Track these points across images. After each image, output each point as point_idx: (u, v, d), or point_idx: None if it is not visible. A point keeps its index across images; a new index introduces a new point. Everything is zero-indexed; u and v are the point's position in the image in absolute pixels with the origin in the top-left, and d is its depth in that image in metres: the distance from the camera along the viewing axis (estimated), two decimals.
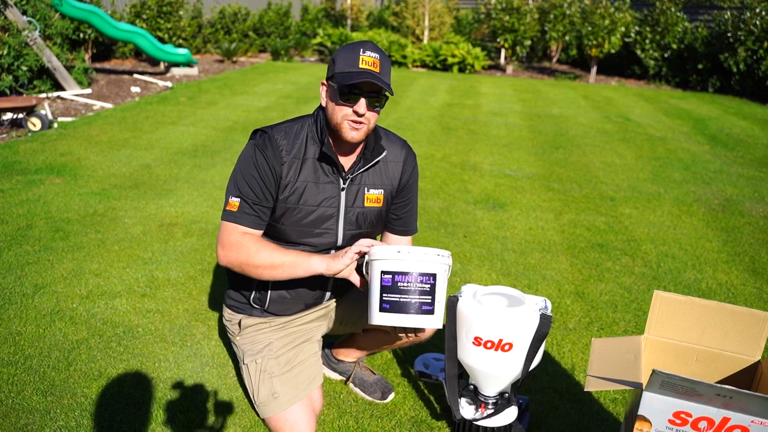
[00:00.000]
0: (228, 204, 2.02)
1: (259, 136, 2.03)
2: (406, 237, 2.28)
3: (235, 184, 2.02)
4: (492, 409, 2.13)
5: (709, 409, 1.56)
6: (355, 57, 1.91)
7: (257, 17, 16.01)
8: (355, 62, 1.91)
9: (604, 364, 1.77)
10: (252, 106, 8.35)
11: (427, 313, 1.78)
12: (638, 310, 3.21)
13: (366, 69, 1.90)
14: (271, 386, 2.06)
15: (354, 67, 1.90)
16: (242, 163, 2.03)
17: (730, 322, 1.85)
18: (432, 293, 1.77)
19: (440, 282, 1.79)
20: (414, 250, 1.77)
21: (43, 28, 8.69)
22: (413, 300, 1.76)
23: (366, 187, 2.11)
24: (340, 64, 1.93)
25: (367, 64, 1.91)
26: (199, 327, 2.90)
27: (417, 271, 1.76)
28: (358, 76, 1.88)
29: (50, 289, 3.19)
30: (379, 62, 1.93)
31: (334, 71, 1.94)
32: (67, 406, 2.31)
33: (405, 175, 2.18)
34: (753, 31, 10.73)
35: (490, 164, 5.90)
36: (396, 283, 1.77)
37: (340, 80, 1.90)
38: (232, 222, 2.00)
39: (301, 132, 2.05)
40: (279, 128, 2.04)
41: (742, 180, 5.66)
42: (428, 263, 1.77)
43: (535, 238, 4.12)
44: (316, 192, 2.04)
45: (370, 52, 1.92)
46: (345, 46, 1.97)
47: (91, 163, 5.39)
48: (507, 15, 13.21)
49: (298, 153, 2.02)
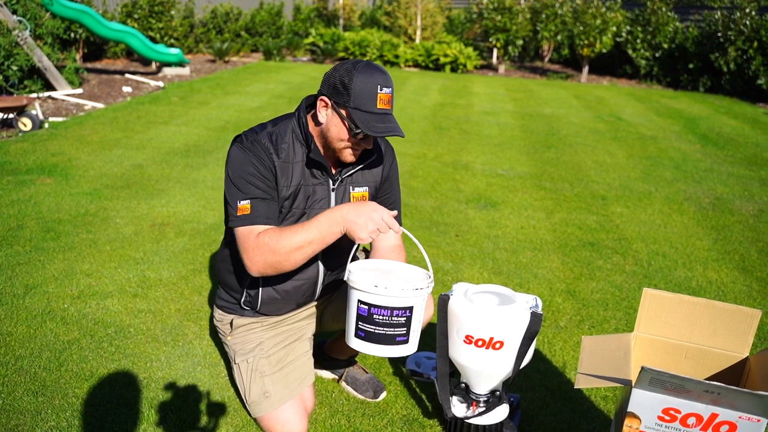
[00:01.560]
0: (237, 209, 1.93)
1: (245, 139, 1.97)
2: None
3: (238, 190, 1.93)
4: (483, 407, 2.14)
5: (697, 406, 1.57)
6: (374, 94, 1.86)
7: (249, 17, 15.98)
8: (372, 99, 1.87)
9: (594, 362, 1.78)
10: (244, 106, 8.34)
11: (401, 344, 1.81)
12: (629, 308, 3.22)
13: (384, 110, 1.89)
14: (263, 385, 2.06)
15: (372, 107, 1.87)
16: (235, 167, 1.95)
17: (718, 319, 1.86)
18: (407, 325, 1.79)
19: (417, 312, 1.80)
20: (392, 287, 1.74)
21: (34, 27, 8.65)
22: (388, 332, 1.78)
23: (351, 186, 2.11)
24: (357, 98, 1.86)
25: (384, 102, 1.88)
26: (190, 327, 2.90)
27: (393, 306, 1.76)
28: (379, 120, 1.87)
29: (41, 289, 3.18)
30: (391, 96, 1.92)
31: (350, 103, 1.87)
32: (58, 407, 2.31)
33: (385, 169, 2.20)
34: (743, 31, 10.79)
35: (482, 163, 5.92)
36: (372, 315, 1.77)
37: (359, 122, 1.86)
38: (247, 225, 1.92)
39: (285, 135, 2.01)
40: (263, 133, 1.99)
41: (732, 179, 5.69)
42: (405, 298, 1.76)
43: (526, 237, 4.13)
44: (308, 194, 2.03)
45: (386, 88, 1.88)
46: (360, 73, 1.87)
47: (83, 163, 5.37)
48: (499, 15, 13.24)
49: (287, 157, 1.99)
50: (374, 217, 1.84)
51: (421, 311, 1.84)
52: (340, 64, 1.93)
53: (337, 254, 2.13)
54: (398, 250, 2.21)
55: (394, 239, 2.24)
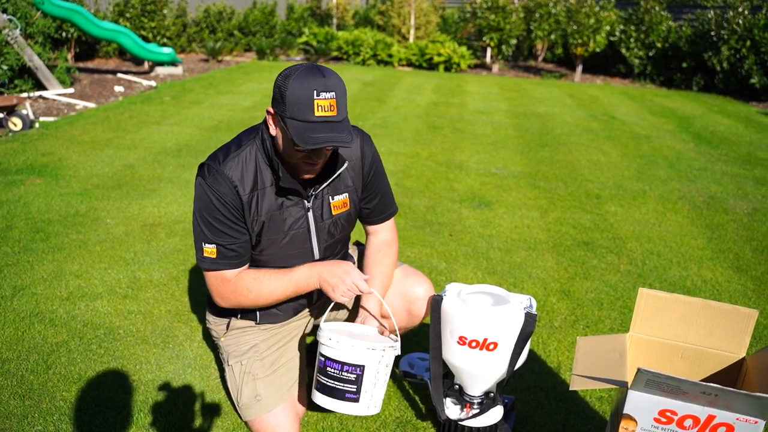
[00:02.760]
0: (204, 251, 1.91)
1: (209, 175, 1.87)
2: (387, 222, 2.22)
3: (203, 231, 1.91)
4: (477, 408, 2.11)
5: (694, 407, 1.55)
6: (309, 101, 1.66)
7: (242, 16, 15.93)
8: (309, 107, 1.67)
9: (589, 363, 1.76)
10: (237, 105, 8.30)
11: (351, 401, 1.85)
12: (624, 308, 3.20)
13: (324, 118, 1.67)
14: (255, 388, 2.03)
15: (309, 115, 1.67)
16: (201, 206, 1.90)
17: (714, 319, 1.84)
18: (357, 383, 1.83)
19: (369, 372, 1.83)
20: (342, 341, 1.81)
21: (24, 26, 8.59)
22: (337, 386, 1.84)
23: (329, 196, 2.01)
24: (292, 107, 1.68)
25: (324, 110, 1.67)
26: (181, 328, 2.86)
27: (343, 361, 1.82)
28: (317, 130, 1.67)
29: (29, 290, 3.14)
30: (336, 102, 1.69)
31: (285, 113, 1.70)
32: (45, 410, 2.27)
33: (366, 167, 2.06)
34: (736, 30, 10.80)
35: (475, 163, 5.89)
36: (326, 367, 1.84)
37: (294, 133, 1.68)
38: (214, 270, 1.94)
39: (250, 160, 1.89)
40: (227, 164, 1.87)
41: (726, 177, 5.69)
42: (354, 355, 1.81)
43: (520, 237, 4.11)
44: (283, 218, 1.96)
45: (324, 93, 1.67)
46: (294, 78, 1.68)
47: (73, 163, 5.32)
48: (493, 14, 13.22)
49: (255, 185, 1.89)
50: (345, 280, 1.92)
51: (377, 374, 1.85)
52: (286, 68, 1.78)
53: (330, 254, 2.13)
54: (385, 247, 2.20)
55: (385, 235, 2.22)
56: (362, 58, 14.09)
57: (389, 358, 1.87)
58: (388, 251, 2.19)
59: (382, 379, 1.88)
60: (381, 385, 1.88)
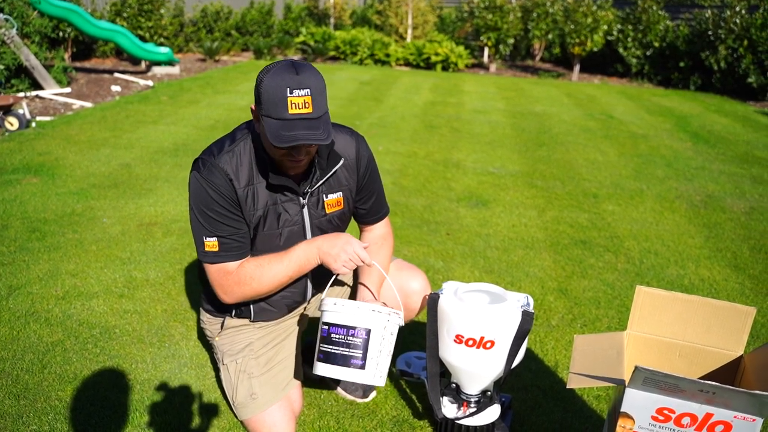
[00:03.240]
0: (205, 245, 1.90)
1: (204, 168, 1.86)
2: (381, 222, 2.24)
3: (202, 225, 1.89)
4: (474, 407, 2.10)
5: (692, 405, 1.54)
6: (282, 99, 1.66)
7: (240, 16, 15.90)
8: (282, 105, 1.67)
9: (587, 361, 1.75)
10: (234, 105, 8.29)
11: (356, 367, 1.82)
12: (621, 307, 3.20)
13: (298, 115, 1.67)
14: (250, 387, 2.02)
15: (283, 113, 1.67)
16: (197, 200, 1.88)
17: (712, 317, 1.84)
18: (363, 348, 1.81)
19: (375, 337, 1.81)
20: (348, 304, 1.80)
21: (21, 26, 8.56)
22: (343, 352, 1.81)
23: (324, 193, 2.02)
24: (267, 105, 1.69)
25: (297, 107, 1.66)
26: (177, 327, 2.85)
27: (349, 324, 1.80)
28: (290, 128, 1.67)
29: (25, 290, 3.12)
30: (311, 99, 1.68)
31: (261, 111, 1.72)
32: (40, 410, 2.26)
33: (361, 169, 2.08)
34: (733, 30, 10.80)
35: (473, 162, 5.89)
36: (330, 335, 1.82)
37: (269, 131, 1.68)
38: (217, 263, 1.92)
39: (245, 154, 1.89)
40: (222, 157, 1.87)
41: (723, 176, 5.68)
42: (360, 318, 1.80)
43: (518, 236, 4.10)
44: (278, 214, 1.96)
45: (298, 90, 1.66)
46: (269, 76, 1.69)
47: (70, 162, 5.31)
48: (490, 13, 13.21)
49: (250, 179, 1.89)
50: (347, 249, 1.91)
51: (382, 341, 1.84)
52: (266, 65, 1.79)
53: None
54: (381, 240, 2.21)
55: (380, 230, 2.23)
56: (359, 57, 14.08)
57: (394, 326, 1.86)
58: (384, 244, 2.21)
59: (387, 348, 1.86)
60: (386, 355, 1.86)
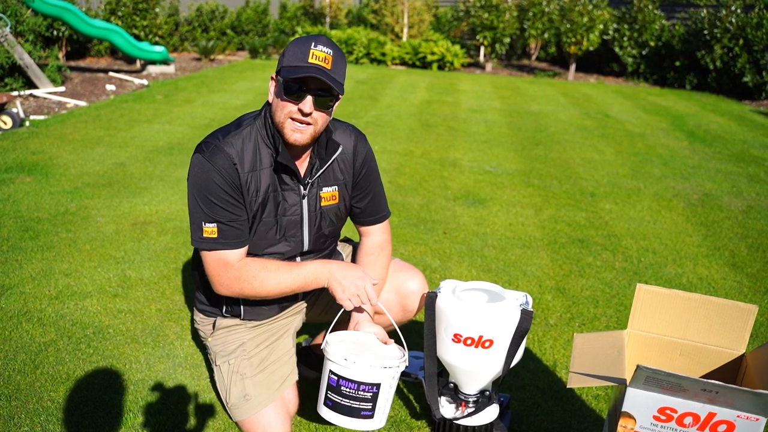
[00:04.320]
0: (203, 231, 1.86)
1: (207, 150, 1.85)
2: (380, 225, 2.18)
3: (201, 209, 1.86)
4: (472, 407, 2.08)
5: (694, 405, 1.52)
6: (306, 50, 1.78)
7: (235, 15, 15.86)
8: (304, 56, 1.77)
9: (587, 360, 1.73)
10: (229, 104, 8.25)
11: (366, 418, 1.81)
12: (619, 305, 3.18)
13: (315, 64, 1.77)
14: (243, 388, 1.99)
15: (303, 61, 1.77)
16: (198, 182, 1.85)
17: (714, 315, 1.81)
18: (373, 401, 1.80)
19: (384, 389, 1.80)
20: (360, 362, 1.76)
21: (14, 24, 8.50)
22: (353, 405, 1.80)
23: (321, 186, 2.01)
24: (289, 57, 1.80)
25: (318, 59, 1.77)
26: (172, 327, 2.82)
27: (360, 380, 1.78)
28: (305, 70, 1.76)
29: (18, 289, 3.09)
30: (332, 58, 1.80)
31: (282, 64, 1.81)
32: (32, 411, 2.22)
33: (357, 163, 2.06)
34: (729, 29, 10.81)
35: (469, 161, 5.86)
36: (340, 386, 1.80)
37: (285, 74, 1.78)
38: (215, 250, 1.88)
39: (250, 138, 1.89)
40: (227, 140, 1.86)
41: (720, 175, 5.67)
42: (371, 375, 1.78)
43: (515, 234, 4.08)
44: (278, 201, 1.94)
45: (322, 46, 1.78)
46: (297, 39, 1.83)
47: (64, 161, 5.27)
48: (486, 12, 13.20)
49: (254, 164, 1.88)
50: (358, 284, 1.90)
51: (390, 390, 1.83)
52: None
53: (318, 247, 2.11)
54: (378, 249, 2.16)
55: (378, 237, 2.19)
56: (355, 56, 14.05)
57: (400, 370, 1.85)
58: (381, 254, 2.15)
59: (392, 392, 1.85)
60: (391, 397, 1.86)
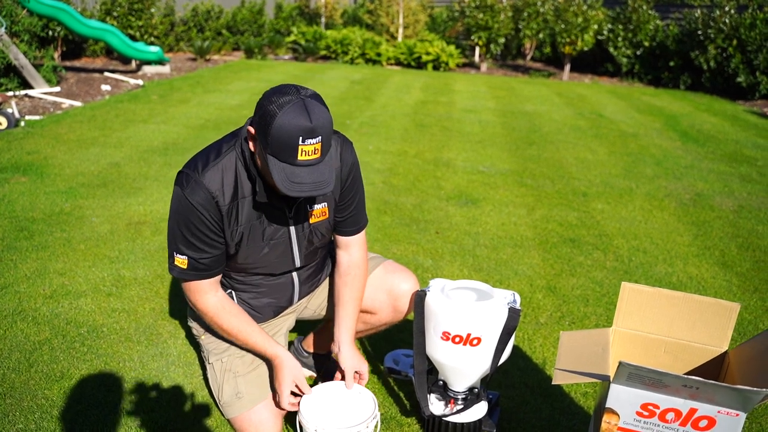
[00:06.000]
0: (174, 259, 1.87)
1: (187, 186, 1.80)
2: (358, 236, 2.13)
3: (176, 241, 1.86)
4: (461, 404, 2.11)
5: (676, 401, 1.55)
6: (293, 146, 1.62)
7: (231, 15, 15.85)
8: (293, 153, 1.63)
9: (572, 357, 1.76)
10: (225, 104, 8.27)
11: None
12: (609, 304, 3.21)
13: (306, 162, 1.65)
14: (235, 385, 2.01)
15: (292, 159, 1.64)
16: (178, 217, 1.84)
17: (697, 312, 1.84)
18: None
19: None
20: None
21: (10, 24, 8.51)
22: None
23: (309, 204, 1.97)
24: (275, 146, 1.63)
25: (307, 154, 1.64)
26: (165, 326, 2.84)
27: None
28: (299, 176, 1.65)
29: (12, 289, 3.10)
30: (321, 145, 1.66)
31: (267, 148, 1.65)
32: (26, 409, 2.25)
33: (344, 172, 1.98)
34: (722, 29, 10.86)
35: (463, 161, 5.89)
36: None
37: (276, 175, 1.65)
38: (186, 280, 1.92)
39: (229, 168, 1.83)
40: (206, 174, 1.80)
41: (712, 175, 5.71)
42: None
43: (507, 234, 4.11)
44: (264, 228, 1.92)
45: (310, 139, 1.63)
46: (281, 117, 1.60)
47: (59, 161, 5.28)
48: (481, 13, 13.23)
49: (235, 195, 1.84)
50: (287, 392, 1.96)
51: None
52: (277, 88, 1.70)
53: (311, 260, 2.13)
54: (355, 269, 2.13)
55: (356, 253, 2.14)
56: (351, 56, 14.07)
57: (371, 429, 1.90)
58: (358, 273, 2.13)
59: None
60: None
